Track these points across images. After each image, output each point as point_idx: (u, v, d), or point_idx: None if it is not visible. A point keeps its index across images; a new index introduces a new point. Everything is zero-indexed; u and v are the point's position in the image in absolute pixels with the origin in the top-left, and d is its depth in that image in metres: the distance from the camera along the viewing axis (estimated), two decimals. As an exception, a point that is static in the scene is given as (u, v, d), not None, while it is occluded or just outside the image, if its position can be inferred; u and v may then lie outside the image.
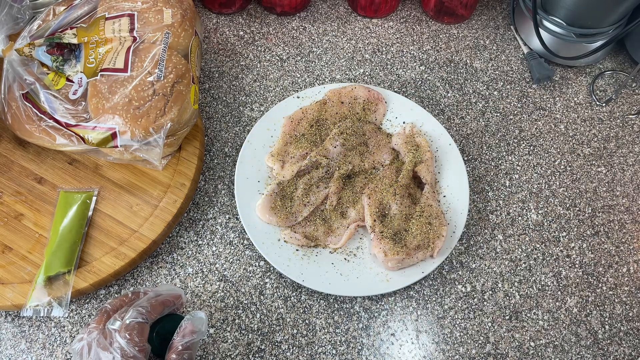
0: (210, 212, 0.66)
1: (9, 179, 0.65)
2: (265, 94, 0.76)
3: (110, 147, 0.59)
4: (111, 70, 0.59)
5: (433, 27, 0.84)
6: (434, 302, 0.62)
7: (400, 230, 0.62)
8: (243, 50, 0.80)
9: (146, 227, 0.61)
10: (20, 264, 0.59)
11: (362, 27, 0.83)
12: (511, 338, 0.60)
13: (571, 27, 0.75)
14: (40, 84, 0.61)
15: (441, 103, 0.76)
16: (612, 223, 0.68)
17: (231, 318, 0.60)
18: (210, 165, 0.70)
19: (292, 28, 0.83)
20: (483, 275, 0.64)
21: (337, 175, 0.65)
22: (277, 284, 0.62)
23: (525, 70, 0.80)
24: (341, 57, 0.80)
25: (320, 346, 0.59)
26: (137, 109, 0.58)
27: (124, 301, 0.48)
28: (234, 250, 0.64)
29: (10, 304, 0.57)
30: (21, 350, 0.58)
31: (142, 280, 0.62)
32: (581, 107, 0.77)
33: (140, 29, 0.62)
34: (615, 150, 0.73)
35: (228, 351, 0.58)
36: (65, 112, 0.60)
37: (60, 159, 0.66)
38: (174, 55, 0.62)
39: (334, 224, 0.64)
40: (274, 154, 0.67)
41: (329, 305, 0.61)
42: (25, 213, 0.62)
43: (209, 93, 0.76)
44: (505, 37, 0.83)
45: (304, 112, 0.71)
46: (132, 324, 0.43)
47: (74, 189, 0.64)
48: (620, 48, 0.82)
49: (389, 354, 0.59)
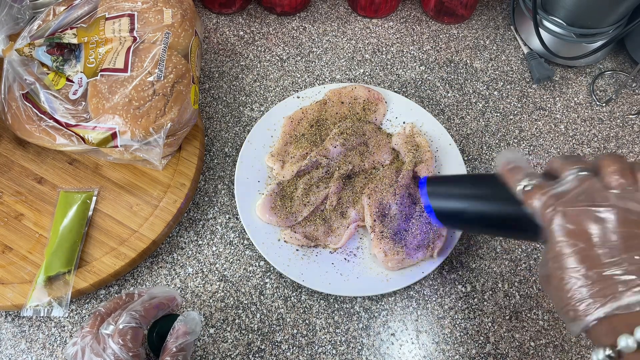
0: (210, 212, 0.66)
1: (9, 179, 0.65)
2: (265, 94, 0.76)
3: (110, 147, 0.59)
4: (111, 70, 0.59)
5: (433, 27, 0.84)
6: (434, 302, 0.62)
7: (400, 230, 0.62)
8: (243, 50, 0.80)
9: (146, 227, 0.61)
10: (20, 264, 0.59)
11: (362, 27, 0.83)
12: (511, 338, 0.60)
13: (571, 27, 0.75)
14: (40, 84, 0.61)
15: (441, 103, 0.76)
16: (612, 223, 0.68)
17: (231, 318, 0.60)
18: (210, 165, 0.70)
19: (292, 28, 0.83)
20: (483, 275, 0.64)
21: (337, 175, 0.65)
22: (277, 284, 0.62)
23: (525, 70, 0.80)
24: (341, 57, 0.80)
25: (320, 346, 0.59)
26: (137, 109, 0.58)
27: (118, 304, 0.47)
28: (234, 250, 0.64)
29: (10, 304, 0.57)
30: (21, 350, 0.58)
31: (142, 280, 0.62)
32: (581, 107, 0.77)
33: (140, 29, 0.62)
34: (615, 150, 0.73)
35: (228, 351, 0.58)
36: (65, 112, 0.60)
37: (60, 159, 0.66)
38: (174, 55, 0.62)
39: (334, 224, 0.64)
40: (274, 154, 0.67)
41: (329, 305, 0.61)
42: (25, 213, 0.62)
43: (209, 93, 0.76)
44: (505, 37, 0.83)
45: (304, 112, 0.71)
46: (125, 329, 0.43)
47: (74, 189, 0.64)
48: (620, 48, 0.82)
49: (389, 354, 0.59)
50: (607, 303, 0.36)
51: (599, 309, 0.36)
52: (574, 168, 0.41)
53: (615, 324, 0.36)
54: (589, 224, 0.38)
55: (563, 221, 0.39)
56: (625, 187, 0.39)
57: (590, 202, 0.39)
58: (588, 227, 0.38)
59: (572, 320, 0.38)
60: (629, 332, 0.35)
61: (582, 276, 0.37)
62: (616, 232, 0.37)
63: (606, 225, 0.38)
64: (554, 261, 0.39)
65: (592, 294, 0.37)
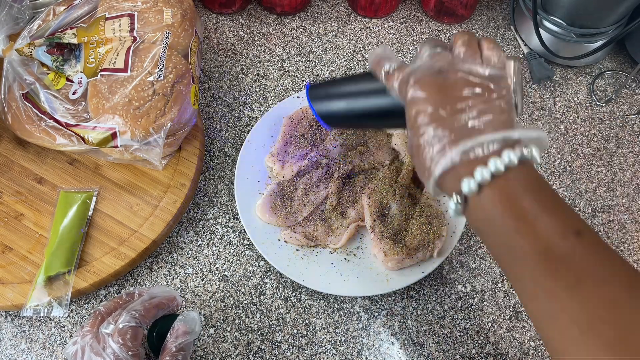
0: (210, 212, 0.67)
1: (9, 179, 0.65)
2: (265, 94, 0.76)
3: (110, 147, 0.59)
4: (111, 70, 0.59)
5: (433, 27, 0.84)
6: (434, 302, 0.62)
7: (400, 230, 0.62)
8: (243, 50, 0.80)
9: (146, 227, 0.61)
10: (20, 264, 0.59)
11: (362, 27, 0.83)
12: (511, 338, 0.60)
13: (571, 27, 0.75)
14: (40, 84, 0.61)
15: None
16: (612, 223, 0.68)
17: (231, 318, 0.60)
18: (210, 165, 0.70)
19: (292, 28, 0.83)
20: (483, 275, 0.64)
21: (337, 175, 0.65)
22: (277, 284, 0.62)
23: (525, 70, 0.80)
24: (341, 57, 0.80)
25: (320, 346, 0.59)
26: (137, 109, 0.58)
27: (118, 303, 0.47)
28: (234, 250, 0.64)
29: (10, 304, 0.57)
30: (21, 350, 0.58)
31: (142, 280, 0.62)
32: (581, 107, 0.77)
33: (140, 29, 0.62)
34: (615, 150, 0.73)
35: (228, 351, 0.58)
36: (65, 112, 0.60)
37: (60, 159, 0.66)
38: (174, 55, 0.62)
39: (334, 224, 0.64)
40: (274, 154, 0.67)
41: (329, 305, 0.61)
42: (25, 213, 0.62)
43: (209, 93, 0.76)
44: (505, 37, 0.83)
45: (304, 112, 0.71)
46: (125, 328, 0.43)
47: (74, 189, 0.64)
48: (620, 48, 0.82)
49: (389, 354, 0.59)
50: (446, 153, 0.39)
51: (442, 160, 0.39)
52: (429, 46, 0.44)
53: (460, 171, 0.39)
54: (432, 88, 0.41)
55: (413, 91, 0.42)
56: (470, 56, 0.42)
57: (435, 70, 0.42)
58: (431, 91, 0.41)
59: (428, 179, 0.41)
60: (470, 175, 0.38)
61: (430, 135, 0.40)
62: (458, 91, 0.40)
63: (446, 87, 0.41)
64: (411, 132, 0.42)
65: (437, 150, 0.39)
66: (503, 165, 0.37)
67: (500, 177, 0.37)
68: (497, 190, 0.37)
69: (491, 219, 0.38)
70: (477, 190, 0.38)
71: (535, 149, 0.38)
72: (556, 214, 0.36)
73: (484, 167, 0.37)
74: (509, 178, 0.37)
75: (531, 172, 0.38)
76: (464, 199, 0.39)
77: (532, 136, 0.39)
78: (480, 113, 0.39)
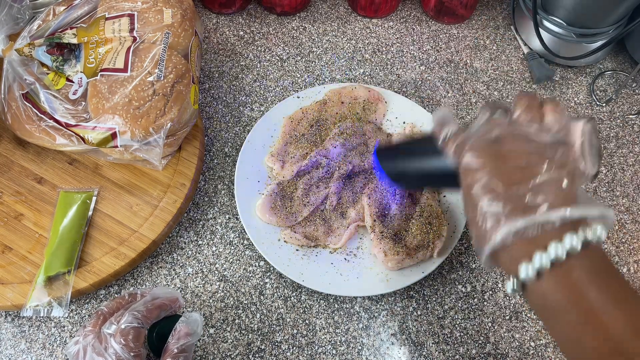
0: (210, 212, 0.66)
1: (9, 179, 0.65)
2: (265, 94, 0.76)
3: (110, 147, 0.59)
4: (111, 70, 0.59)
5: (433, 27, 0.84)
6: (434, 302, 0.62)
7: (400, 230, 0.62)
8: (243, 50, 0.80)
9: (146, 227, 0.61)
10: (20, 264, 0.59)
11: (362, 27, 0.83)
12: (511, 338, 0.60)
13: (571, 27, 0.75)
14: (40, 84, 0.61)
15: (441, 103, 0.76)
16: (612, 223, 0.68)
17: (231, 318, 0.60)
18: (210, 165, 0.70)
19: (292, 28, 0.83)
20: (483, 275, 0.64)
21: (337, 175, 0.65)
22: (277, 284, 0.62)
23: (526, 70, 0.80)
24: (341, 57, 0.80)
25: (320, 346, 0.59)
26: (137, 109, 0.58)
27: (121, 303, 0.47)
28: (234, 250, 0.64)
29: (10, 304, 0.57)
30: (21, 350, 0.58)
31: (142, 280, 0.62)
32: (581, 107, 0.77)
33: (140, 29, 0.62)
34: (615, 150, 0.73)
35: (228, 351, 0.58)
36: (65, 112, 0.60)
37: (60, 159, 0.66)
38: (174, 55, 0.62)
39: (334, 224, 0.64)
40: (274, 154, 0.67)
41: (329, 305, 0.61)
42: (25, 213, 0.62)
43: (209, 93, 0.76)
44: (505, 37, 0.83)
45: (304, 112, 0.71)
46: (127, 328, 0.43)
47: (74, 189, 0.64)
48: (620, 48, 0.82)
49: (389, 354, 0.59)
50: (498, 230, 0.36)
51: (494, 237, 0.36)
52: (488, 111, 0.42)
53: (516, 251, 0.36)
54: (486, 156, 0.39)
55: (467, 158, 0.40)
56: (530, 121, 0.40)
57: (491, 137, 0.40)
58: (485, 160, 0.39)
59: (479, 254, 0.38)
60: (528, 259, 0.35)
61: (482, 209, 0.37)
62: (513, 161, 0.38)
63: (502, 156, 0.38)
64: (465, 200, 0.40)
65: (490, 225, 0.37)
66: (564, 252, 0.34)
67: (562, 262, 0.34)
68: (559, 278, 0.34)
69: (554, 309, 0.35)
70: (536, 277, 0.35)
71: (601, 227, 0.35)
72: (628, 308, 0.34)
73: (543, 252, 0.34)
74: (573, 264, 0.34)
75: (597, 256, 0.35)
76: (522, 285, 0.36)
77: (595, 215, 0.35)
78: (536, 187, 0.36)
